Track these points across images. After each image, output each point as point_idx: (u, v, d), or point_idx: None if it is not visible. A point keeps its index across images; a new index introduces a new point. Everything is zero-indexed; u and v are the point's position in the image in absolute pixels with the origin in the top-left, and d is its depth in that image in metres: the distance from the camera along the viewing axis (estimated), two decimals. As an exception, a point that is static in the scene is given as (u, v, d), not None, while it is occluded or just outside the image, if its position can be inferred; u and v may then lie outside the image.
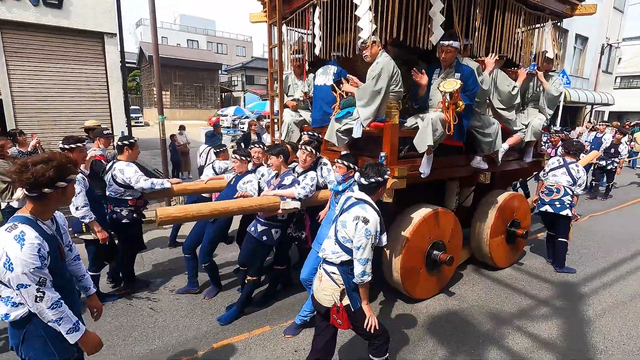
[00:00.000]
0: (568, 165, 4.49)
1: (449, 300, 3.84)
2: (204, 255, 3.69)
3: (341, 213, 2.29)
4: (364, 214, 2.17)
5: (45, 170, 1.58)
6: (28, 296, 1.56)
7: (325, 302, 2.29)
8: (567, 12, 4.33)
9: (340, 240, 2.24)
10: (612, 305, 3.79)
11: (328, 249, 2.32)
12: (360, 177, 2.28)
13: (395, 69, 3.19)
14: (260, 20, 4.82)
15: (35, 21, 5.48)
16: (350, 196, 2.34)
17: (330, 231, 2.36)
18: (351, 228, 2.17)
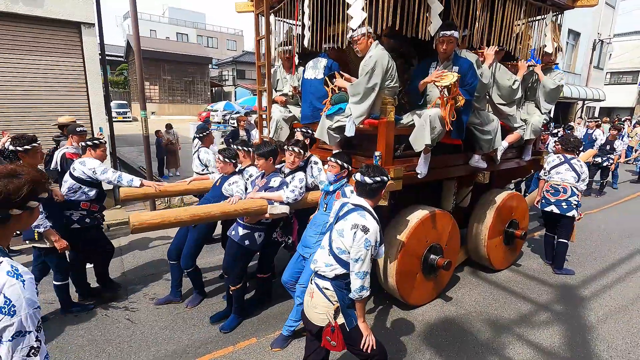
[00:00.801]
0: (570, 161, 4.33)
1: (445, 306, 3.66)
2: (187, 260, 3.43)
3: (337, 221, 2.08)
4: (363, 222, 1.96)
5: (17, 187, 1.25)
6: (22, 348, 1.20)
7: (317, 320, 2.08)
8: (568, 3, 4.14)
9: (335, 252, 2.02)
10: (614, 309, 3.65)
11: (320, 260, 2.10)
12: (362, 176, 2.08)
13: (390, 62, 2.95)
14: (247, 10, 4.53)
15: (5, 9, 5.10)
16: (346, 202, 2.14)
17: (324, 240, 2.16)
18: (349, 238, 1.96)
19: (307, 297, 2.16)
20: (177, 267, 3.53)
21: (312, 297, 2.10)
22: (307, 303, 2.15)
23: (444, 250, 3.60)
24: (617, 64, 27.06)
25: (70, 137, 3.73)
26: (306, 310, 2.16)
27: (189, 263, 3.45)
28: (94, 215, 3.37)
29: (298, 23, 4.00)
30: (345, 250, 1.99)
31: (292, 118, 4.25)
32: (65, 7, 5.49)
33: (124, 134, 15.63)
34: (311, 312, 2.10)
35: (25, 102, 5.52)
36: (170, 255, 3.53)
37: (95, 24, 5.86)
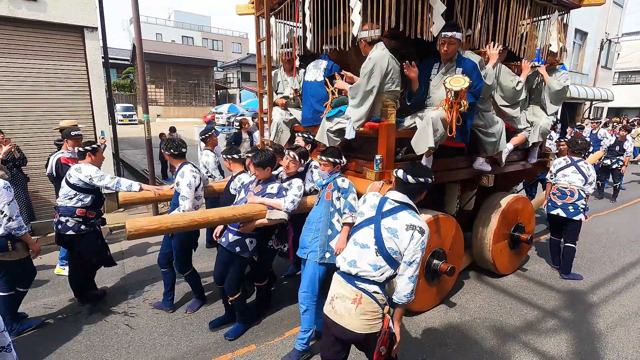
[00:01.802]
0: (577, 163, 4.23)
1: (449, 312, 3.58)
2: (180, 266, 3.38)
3: (382, 217, 1.91)
4: (419, 223, 1.87)
5: None
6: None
7: (363, 329, 1.87)
8: (575, 2, 4.05)
9: (389, 252, 1.87)
10: (624, 316, 3.54)
11: (364, 262, 1.90)
12: (405, 174, 1.94)
13: (391, 65, 2.88)
14: (248, 12, 4.50)
15: (8, 14, 5.13)
16: (386, 198, 1.98)
17: (366, 239, 1.92)
18: (405, 239, 1.84)
19: (349, 304, 1.89)
20: (167, 274, 3.47)
21: (359, 303, 1.87)
22: (349, 311, 1.87)
23: (447, 255, 3.53)
24: (626, 64, 26.66)
25: (66, 142, 3.69)
26: (346, 320, 1.89)
27: (183, 268, 3.40)
28: (90, 222, 3.33)
29: (299, 25, 3.97)
30: (398, 252, 1.87)
31: (293, 121, 4.21)
32: (68, 11, 5.51)
33: (129, 136, 15.74)
34: (355, 321, 1.87)
35: (27, 106, 5.55)
36: (160, 262, 3.48)
37: (98, 28, 5.87)
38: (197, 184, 3.19)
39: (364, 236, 1.94)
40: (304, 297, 2.79)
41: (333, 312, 1.94)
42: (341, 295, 1.92)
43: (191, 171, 3.20)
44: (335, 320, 1.92)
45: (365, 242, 1.92)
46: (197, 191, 3.22)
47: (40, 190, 5.73)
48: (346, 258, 1.98)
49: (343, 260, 1.98)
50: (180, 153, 3.29)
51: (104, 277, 4.10)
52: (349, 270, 1.93)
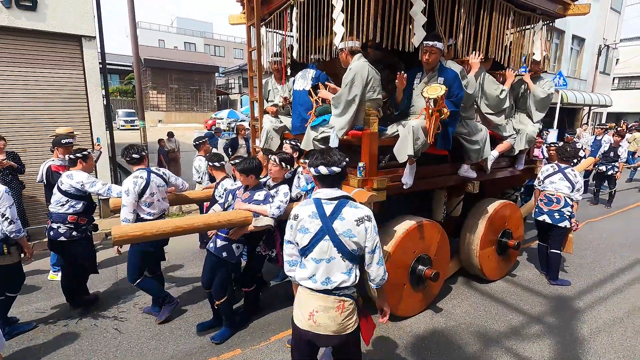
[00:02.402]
0: (564, 170, 4.27)
1: (435, 317, 3.61)
2: (128, 274, 3.38)
3: (332, 223, 1.84)
4: (363, 212, 1.86)
5: None
6: None
7: (349, 328, 1.92)
8: (559, 12, 4.12)
9: (353, 253, 1.87)
10: (609, 322, 3.57)
11: (338, 273, 1.86)
12: (330, 167, 1.84)
13: (371, 74, 2.96)
14: (240, 22, 4.60)
15: (7, 24, 5.26)
16: (318, 200, 1.89)
17: (328, 253, 1.85)
18: (361, 233, 1.84)
19: (333, 313, 1.87)
20: (147, 280, 3.48)
21: (343, 309, 1.89)
22: (335, 319, 1.87)
23: (432, 260, 3.57)
24: (626, 69, 26.71)
25: (56, 149, 3.77)
26: (331, 328, 1.88)
27: (130, 277, 3.37)
28: (82, 228, 3.40)
29: (289, 34, 4.07)
30: (359, 247, 1.87)
31: (283, 128, 4.28)
32: (66, 21, 5.64)
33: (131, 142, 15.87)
34: (342, 326, 1.90)
35: (24, 113, 5.66)
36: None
37: (96, 37, 5.99)
38: (138, 190, 3.13)
39: (323, 251, 1.85)
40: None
41: (315, 325, 1.88)
42: (322, 307, 1.88)
43: (134, 177, 3.16)
44: (319, 332, 1.89)
45: (329, 255, 1.86)
46: (145, 197, 3.17)
47: (38, 196, 5.82)
48: (317, 279, 1.87)
49: (314, 282, 1.87)
50: (132, 159, 3.25)
51: (96, 282, 4.16)
52: (325, 288, 1.87)
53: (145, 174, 3.23)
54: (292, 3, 3.67)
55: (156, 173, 3.33)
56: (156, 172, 3.34)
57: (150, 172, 3.28)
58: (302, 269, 1.93)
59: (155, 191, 3.27)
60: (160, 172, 3.38)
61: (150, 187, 3.22)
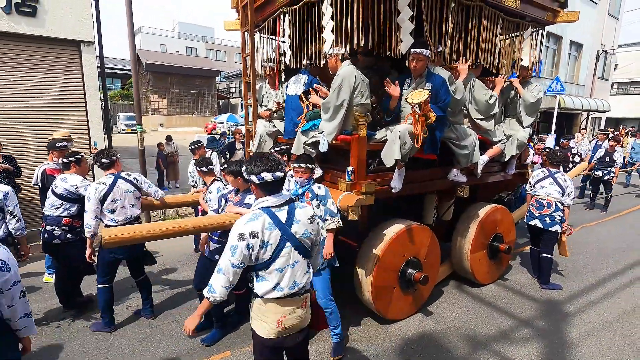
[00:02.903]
0: (554, 175, 4.31)
1: (425, 320, 3.63)
2: (97, 278, 3.36)
3: (290, 228, 1.85)
4: (310, 210, 1.97)
5: None
6: (19, 291, 1.79)
7: (308, 319, 2.05)
8: (548, 19, 4.19)
9: (309, 250, 1.96)
10: (598, 326, 3.58)
11: (301, 274, 1.93)
12: (271, 175, 1.79)
13: (358, 80, 3.02)
14: (234, 28, 4.68)
15: (7, 30, 5.35)
16: (269, 209, 1.83)
17: (292, 259, 1.87)
18: (315, 230, 1.96)
19: (299, 312, 1.94)
20: (103, 291, 3.38)
21: (305, 304, 1.99)
22: (301, 316, 1.95)
23: (422, 264, 3.60)
24: (625, 74, 26.79)
25: (51, 153, 3.82)
26: (298, 326, 1.95)
27: (98, 280, 3.34)
28: (76, 231, 3.45)
29: (282, 40, 4.13)
30: (313, 243, 1.98)
31: (277, 133, 4.33)
32: (65, 26, 5.72)
33: (131, 145, 15.97)
34: (305, 320, 2.00)
35: (23, 117, 5.73)
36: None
37: (95, 42, 6.08)
38: (99, 196, 3.08)
39: (286, 259, 1.85)
40: (326, 302, 2.96)
41: (283, 330, 1.90)
42: (290, 311, 1.90)
43: (97, 183, 3.14)
44: (286, 335, 1.93)
45: (293, 260, 1.87)
46: (107, 204, 3.12)
47: (35, 199, 5.87)
48: (284, 287, 1.85)
49: (280, 291, 1.85)
50: (101, 164, 3.23)
51: (91, 284, 4.18)
52: (292, 292, 1.89)
53: (111, 179, 3.17)
54: (284, 10, 3.74)
55: (125, 179, 3.25)
56: (125, 178, 3.26)
57: (117, 178, 3.21)
58: (261, 282, 1.86)
59: (119, 197, 3.18)
60: (131, 178, 3.29)
61: (113, 194, 3.14)
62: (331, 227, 2.87)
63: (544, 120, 17.06)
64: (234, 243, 1.76)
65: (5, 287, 1.70)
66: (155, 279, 4.46)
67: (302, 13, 3.50)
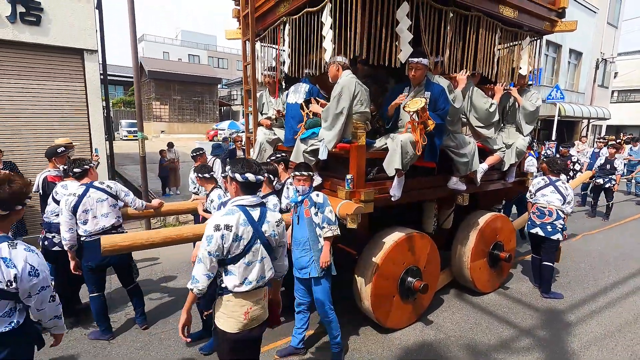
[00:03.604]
0: (555, 183, 4.31)
1: (425, 330, 3.61)
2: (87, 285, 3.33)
3: (261, 227, 2.01)
4: (278, 214, 2.19)
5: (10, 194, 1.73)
6: (48, 296, 1.84)
7: (267, 311, 2.19)
8: (546, 28, 4.23)
9: (273, 249, 2.15)
10: (600, 336, 3.55)
11: (267, 268, 2.08)
12: (254, 176, 1.97)
13: (358, 88, 3.05)
14: (236, 37, 4.74)
15: (12, 38, 5.42)
16: (244, 207, 1.97)
17: (260, 254, 2.00)
18: (281, 232, 2.15)
19: (263, 303, 2.11)
20: (95, 299, 3.36)
21: (267, 295, 2.17)
22: (264, 307, 2.11)
23: (422, 272, 3.59)
24: (626, 82, 26.88)
25: (54, 160, 3.82)
26: (261, 317, 2.10)
27: (88, 289, 3.32)
28: None
29: (282, 49, 4.18)
30: (277, 244, 2.15)
31: (277, 140, 4.35)
32: (69, 35, 5.80)
33: (133, 152, 16.04)
34: (266, 311, 2.15)
35: (26, 124, 5.78)
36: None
37: (98, 50, 6.15)
38: (69, 208, 3.01)
39: (254, 254, 1.98)
40: (325, 311, 2.97)
41: (250, 322, 2.02)
42: (255, 301, 2.04)
43: (67, 195, 3.07)
44: (253, 326, 2.05)
45: (261, 256, 2.01)
46: (79, 214, 3.04)
47: (36, 206, 5.89)
48: (252, 280, 1.98)
49: (249, 284, 1.97)
50: (74, 174, 3.16)
51: (89, 291, 4.19)
52: (258, 285, 2.02)
53: (82, 190, 3.08)
54: (284, 20, 3.79)
55: (97, 187, 3.14)
56: (97, 187, 3.14)
57: (89, 188, 3.10)
58: (229, 276, 1.96)
59: (90, 207, 3.07)
60: (104, 186, 3.18)
61: (84, 204, 3.04)
62: (328, 235, 2.87)
63: (545, 127, 17.09)
64: (210, 233, 1.90)
65: (34, 291, 1.76)
66: (155, 287, 4.45)
67: (302, 23, 3.54)
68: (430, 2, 3.22)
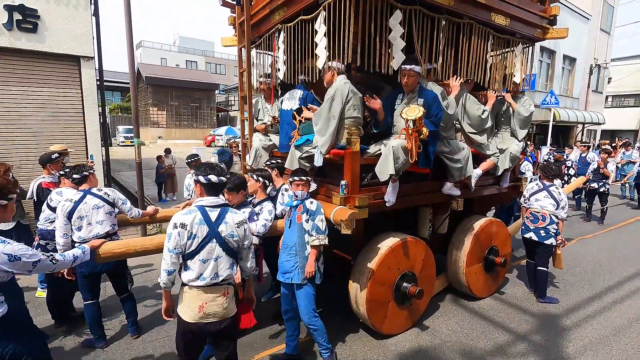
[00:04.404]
0: (548, 188, 4.34)
1: (421, 335, 3.60)
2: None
3: (217, 227, 2.15)
4: (242, 217, 2.28)
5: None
6: (45, 267, 2.02)
7: (233, 310, 2.30)
8: (538, 35, 4.29)
9: (235, 250, 2.24)
10: (595, 340, 3.56)
11: (224, 269, 2.20)
12: (217, 177, 2.17)
13: (351, 93, 3.07)
14: (231, 44, 4.77)
15: (8, 45, 5.44)
16: (202, 208, 2.16)
17: (214, 253, 2.15)
18: (241, 234, 2.24)
19: (220, 300, 2.19)
20: (89, 307, 3.33)
21: (227, 294, 2.25)
22: (222, 305, 2.20)
23: (417, 278, 3.59)
24: (620, 87, 27.21)
25: (48, 166, 3.81)
26: (219, 314, 2.20)
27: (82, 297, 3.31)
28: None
29: (277, 56, 4.21)
30: (239, 245, 2.26)
31: (272, 146, 4.37)
32: (65, 42, 5.83)
33: (130, 158, 16.01)
34: (227, 309, 2.24)
35: (22, 130, 5.78)
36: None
37: (94, 57, 6.17)
38: (65, 213, 2.99)
39: (209, 252, 2.14)
40: (310, 319, 2.95)
41: (204, 316, 2.17)
42: (211, 298, 2.17)
43: (64, 200, 3.04)
44: (208, 321, 2.18)
45: (216, 255, 2.16)
46: (74, 220, 3.02)
47: (30, 212, 5.86)
48: (206, 277, 2.14)
49: (203, 280, 2.14)
50: (73, 180, 3.14)
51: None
52: (214, 282, 2.17)
53: (79, 196, 3.06)
54: (279, 27, 3.83)
55: (94, 194, 3.11)
56: (94, 194, 3.12)
57: (86, 194, 3.09)
58: (187, 271, 2.16)
59: (85, 214, 3.04)
60: (101, 193, 3.15)
61: (79, 210, 3.01)
62: (315, 244, 2.88)
63: (540, 132, 17.22)
64: (170, 231, 2.11)
65: (28, 267, 1.91)
66: (149, 293, 4.43)
67: (296, 30, 3.58)
68: (423, 10, 3.27)
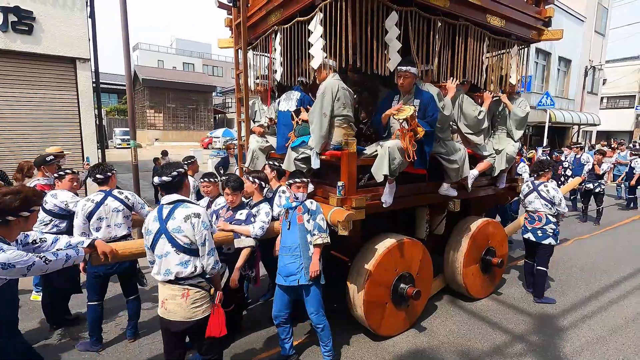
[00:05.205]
0: (537, 188, 4.35)
1: (418, 336, 3.60)
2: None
3: (166, 223, 2.20)
4: (192, 210, 2.21)
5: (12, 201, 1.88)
6: (39, 268, 1.97)
7: (196, 315, 2.24)
8: (533, 37, 4.31)
9: (185, 246, 2.19)
10: (592, 340, 3.56)
11: (173, 265, 2.19)
12: (159, 178, 2.24)
13: (341, 91, 3.08)
14: (228, 46, 4.76)
15: (4, 47, 5.42)
16: (161, 205, 2.27)
17: (164, 248, 2.20)
18: (189, 229, 2.17)
19: (179, 300, 2.19)
20: (92, 308, 3.31)
21: (188, 296, 2.20)
22: (181, 306, 2.19)
23: (415, 279, 3.59)
24: (614, 89, 27.44)
25: (42, 169, 3.79)
26: (178, 315, 2.20)
27: (88, 298, 3.29)
28: None
29: (273, 57, 4.21)
30: (190, 242, 2.19)
31: (269, 148, 4.36)
32: (61, 44, 5.82)
33: (126, 160, 15.93)
34: (188, 312, 2.21)
35: (17, 133, 5.75)
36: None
37: (90, 59, 6.15)
38: (85, 213, 2.99)
39: (161, 248, 2.20)
40: (318, 318, 2.96)
41: (167, 312, 2.22)
42: (170, 295, 2.21)
43: (85, 200, 3.07)
44: (170, 319, 2.22)
45: (165, 251, 2.19)
46: (93, 221, 3.01)
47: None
48: (160, 272, 2.22)
49: (159, 275, 2.23)
50: (96, 179, 3.14)
51: (79, 302, 4.12)
52: (168, 278, 2.20)
53: (100, 197, 3.07)
54: (276, 29, 3.83)
55: (115, 197, 3.13)
56: (115, 196, 3.13)
57: (107, 196, 3.10)
58: (153, 265, 2.29)
59: (105, 216, 3.05)
60: (122, 197, 3.16)
61: (100, 212, 3.02)
62: (318, 242, 2.88)
63: (536, 134, 17.32)
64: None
65: (22, 272, 1.91)
66: (147, 296, 4.39)
67: (293, 31, 3.58)
68: (419, 12, 3.28)
